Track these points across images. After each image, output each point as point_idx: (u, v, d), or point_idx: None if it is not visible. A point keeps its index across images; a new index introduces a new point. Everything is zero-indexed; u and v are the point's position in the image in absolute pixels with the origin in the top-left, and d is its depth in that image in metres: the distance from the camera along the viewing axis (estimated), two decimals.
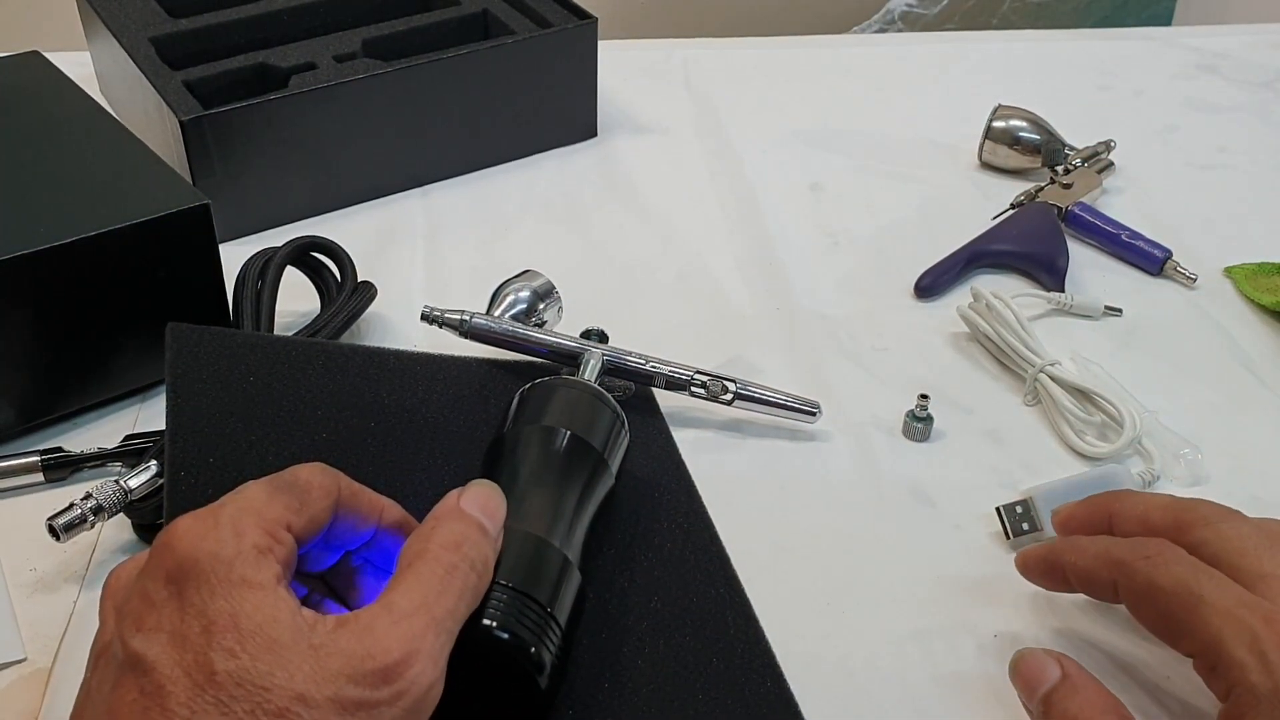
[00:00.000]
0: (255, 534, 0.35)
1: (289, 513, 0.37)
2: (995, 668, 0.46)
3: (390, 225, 0.74)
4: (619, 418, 0.50)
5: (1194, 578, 0.40)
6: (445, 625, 0.35)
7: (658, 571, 0.48)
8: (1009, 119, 0.79)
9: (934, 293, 0.68)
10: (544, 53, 0.78)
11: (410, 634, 0.34)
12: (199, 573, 0.34)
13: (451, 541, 0.38)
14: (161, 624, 0.33)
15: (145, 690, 0.32)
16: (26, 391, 0.55)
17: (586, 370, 0.55)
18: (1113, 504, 0.46)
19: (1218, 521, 0.43)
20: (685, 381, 0.57)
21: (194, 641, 0.33)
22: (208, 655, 0.32)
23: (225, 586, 0.34)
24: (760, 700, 0.43)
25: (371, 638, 0.34)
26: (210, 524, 0.35)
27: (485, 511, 0.40)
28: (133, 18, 0.80)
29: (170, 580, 0.34)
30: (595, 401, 0.50)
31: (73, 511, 0.48)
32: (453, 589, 0.36)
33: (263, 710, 0.32)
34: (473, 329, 0.57)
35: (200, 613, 0.33)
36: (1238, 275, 0.69)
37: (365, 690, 0.33)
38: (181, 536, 0.35)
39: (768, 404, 0.57)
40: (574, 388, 0.50)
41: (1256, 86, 0.92)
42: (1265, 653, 0.37)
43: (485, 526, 0.39)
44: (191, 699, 0.32)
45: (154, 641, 0.33)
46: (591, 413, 0.49)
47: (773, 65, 0.94)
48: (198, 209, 0.56)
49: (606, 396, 0.51)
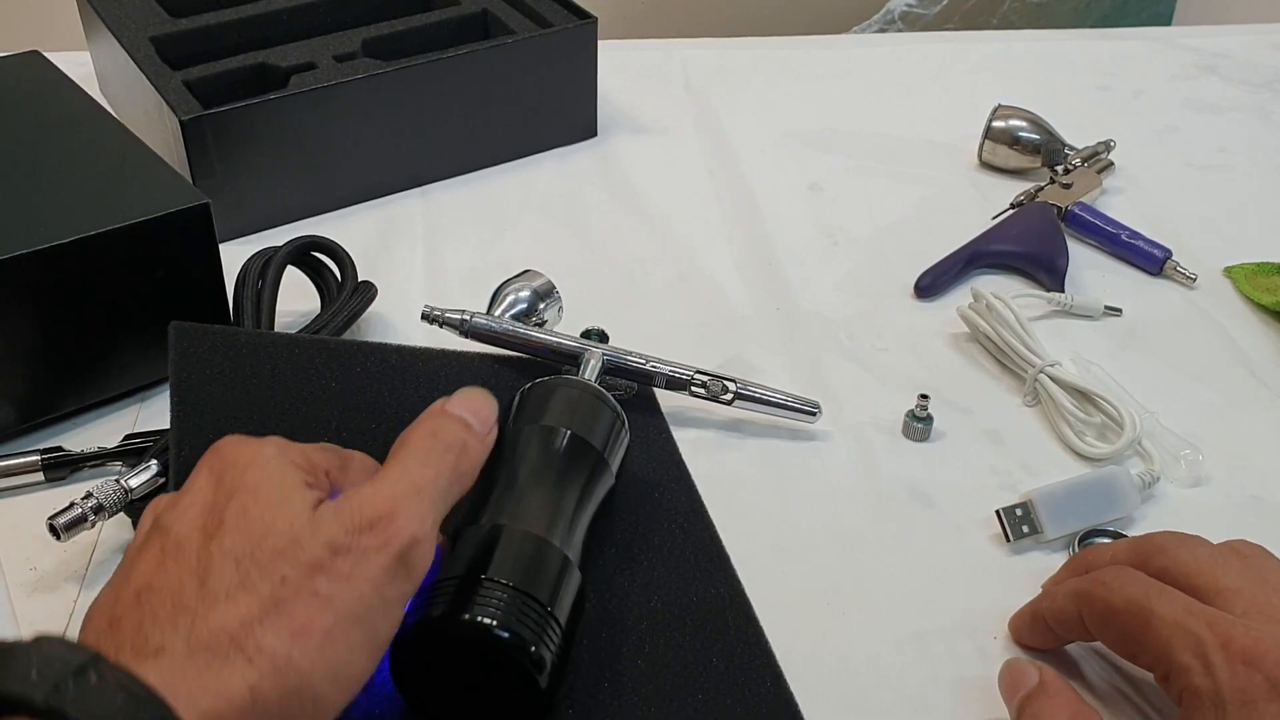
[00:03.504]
0: (297, 456, 0.40)
1: (329, 464, 0.41)
2: (994, 669, 0.45)
3: (390, 225, 0.74)
4: (619, 417, 0.50)
5: (1144, 594, 0.42)
6: (426, 492, 0.39)
7: (658, 571, 0.48)
8: (1009, 119, 0.79)
9: (934, 293, 0.68)
10: (544, 53, 0.78)
11: (391, 495, 0.38)
12: (239, 463, 0.39)
13: (428, 431, 0.41)
14: (195, 501, 0.38)
15: (165, 547, 0.37)
16: (27, 390, 0.55)
17: (586, 370, 0.55)
18: (1087, 558, 0.48)
19: (1174, 547, 0.44)
20: (685, 381, 0.57)
21: (217, 506, 0.37)
22: (222, 514, 0.37)
23: (259, 466, 0.38)
24: (760, 700, 0.43)
25: (359, 499, 0.38)
26: (256, 441, 0.40)
27: (469, 409, 0.42)
28: (133, 17, 0.80)
29: (211, 472, 0.39)
30: (595, 401, 0.50)
31: (73, 511, 0.48)
32: (430, 464, 0.40)
33: (260, 550, 0.36)
34: (473, 329, 0.57)
35: (230, 486, 0.38)
36: (1237, 275, 0.69)
37: (352, 537, 0.36)
38: (229, 444, 0.40)
39: (768, 404, 0.57)
40: (574, 387, 0.50)
41: (1256, 87, 0.92)
42: (1208, 655, 0.39)
43: (467, 421, 0.42)
44: (199, 548, 0.36)
45: (185, 514, 0.37)
46: (591, 412, 0.49)
47: (772, 65, 0.94)
48: (198, 208, 0.56)
49: (606, 396, 0.50)
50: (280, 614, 0.34)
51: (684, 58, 0.95)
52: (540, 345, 0.57)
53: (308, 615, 0.35)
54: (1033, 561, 0.51)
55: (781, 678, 0.44)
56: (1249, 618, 0.40)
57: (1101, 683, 0.46)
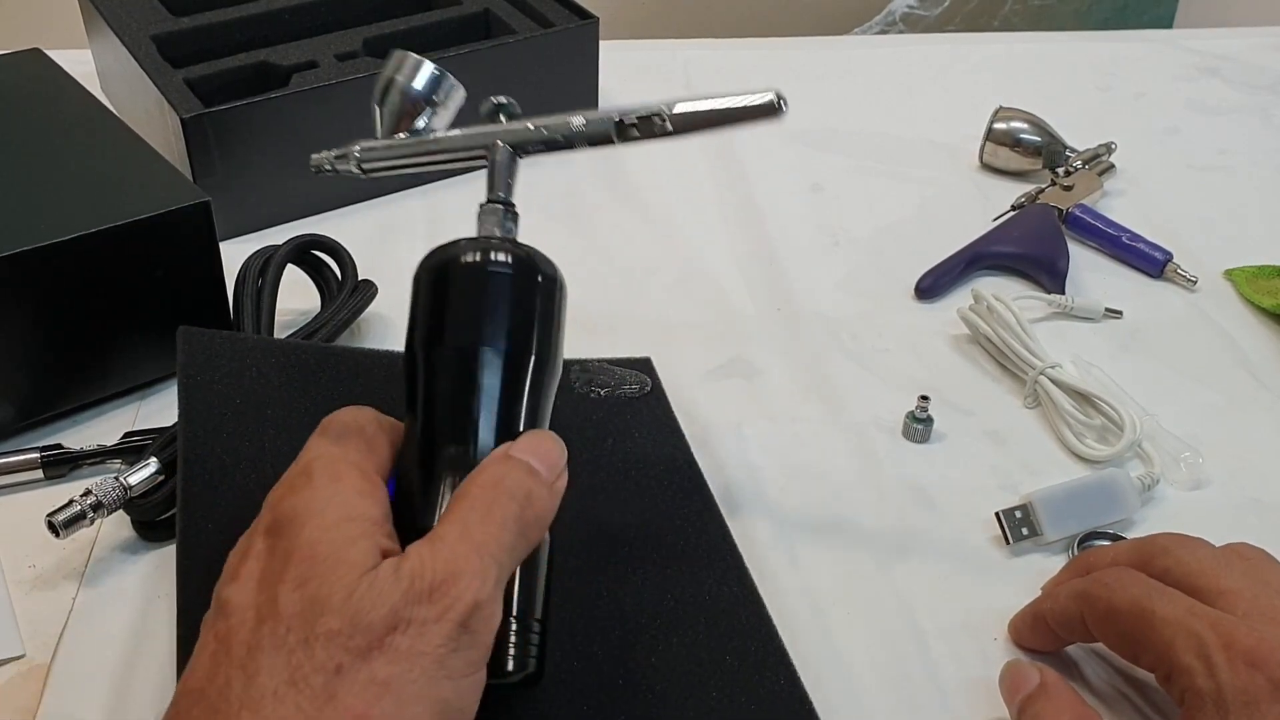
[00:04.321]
0: (352, 479, 0.37)
1: (367, 457, 0.39)
2: (995, 670, 0.45)
3: (391, 224, 0.74)
4: (540, 280, 0.42)
5: (1146, 595, 0.41)
6: (489, 549, 0.36)
7: (670, 570, 0.48)
8: (1010, 121, 0.79)
9: (935, 294, 0.68)
10: (545, 53, 0.78)
11: (451, 556, 0.35)
12: (293, 519, 0.36)
13: (490, 480, 0.38)
14: (253, 571, 0.35)
15: (219, 634, 0.34)
16: (26, 388, 0.55)
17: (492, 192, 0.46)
18: (1088, 559, 0.48)
19: (1176, 549, 0.44)
20: (608, 132, 0.47)
21: (271, 579, 0.34)
22: (277, 588, 0.34)
23: (318, 527, 0.35)
24: (774, 697, 0.43)
25: (418, 561, 0.35)
26: (304, 480, 0.37)
27: (534, 454, 0.39)
28: (134, 15, 0.80)
29: (268, 533, 0.36)
30: (504, 279, 0.41)
31: (72, 508, 0.48)
32: (493, 518, 0.37)
33: (314, 635, 0.33)
34: (368, 161, 0.49)
35: (285, 553, 0.35)
36: (1238, 278, 0.69)
37: (411, 607, 0.34)
38: (280, 497, 0.37)
39: (714, 119, 0.47)
40: (475, 269, 0.41)
41: (1257, 89, 0.92)
42: (1210, 656, 0.39)
43: (532, 467, 0.39)
44: (250, 636, 0.33)
45: (242, 587, 0.35)
46: (508, 299, 0.41)
47: (774, 66, 0.94)
48: (198, 206, 0.56)
49: (512, 260, 0.42)
50: (335, 707, 0.32)
51: (685, 58, 0.95)
52: (445, 150, 0.48)
53: (364, 704, 0.32)
54: (1033, 563, 0.51)
55: (795, 674, 0.44)
56: (1251, 619, 0.40)
57: (1102, 684, 0.46)
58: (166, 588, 0.49)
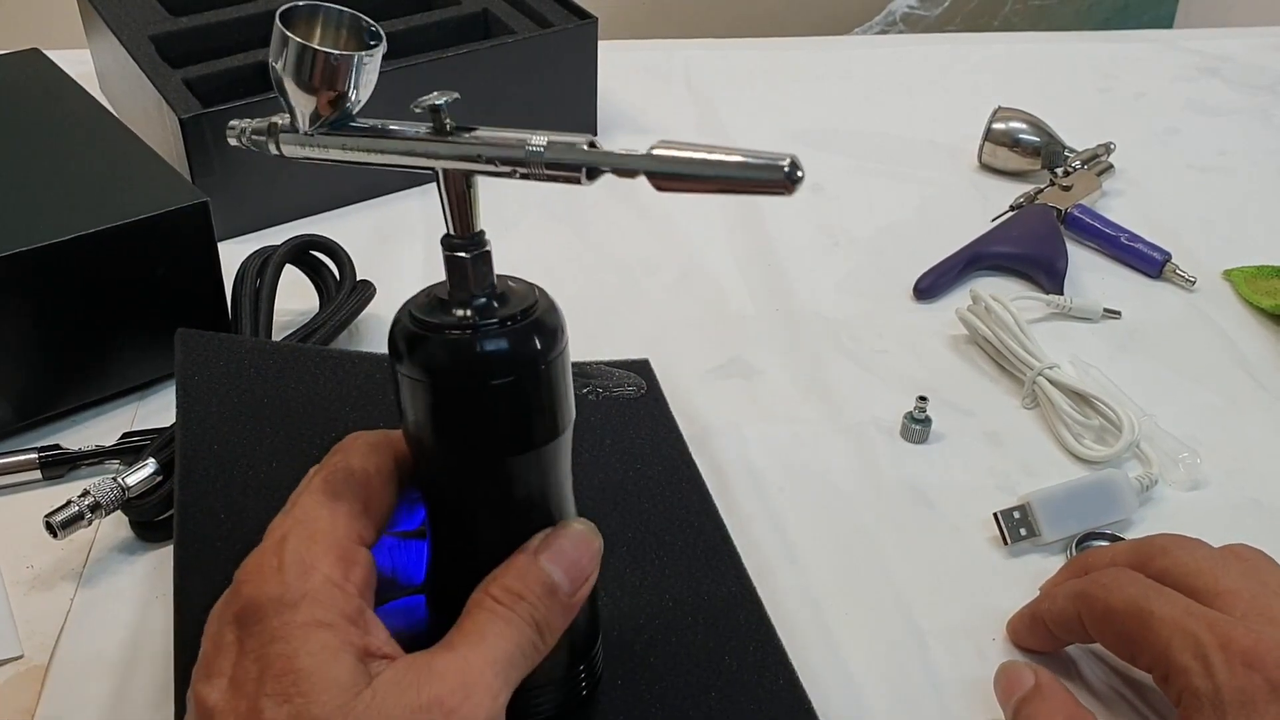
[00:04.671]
0: (326, 565, 0.34)
1: (357, 522, 0.35)
2: (993, 671, 0.45)
3: (389, 224, 0.74)
4: (545, 362, 0.35)
5: (1144, 595, 0.41)
6: (500, 665, 0.34)
7: (669, 570, 0.48)
8: (1009, 121, 0.79)
9: (933, 294, 0.68)
10: (544, 53, 0.78)
11: (463, 668, 0.33)
12: (262, 616, 0.33)
13: (512, 594, 0.35)
14: (224, 669, 0.33)
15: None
16: (24, 388, 0.55)
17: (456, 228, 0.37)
18: (1086, 560, 0.48)
19: (1174, 549, 0.44)
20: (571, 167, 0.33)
21: (249, 688, 0.32)
22: (258, 702, 0.31)
23: (287, 629, 0.32)
24: (774, 698, 0.43)
25: (427, 673, 0.33)
26: (274, 564, 0.34)
27: (565, 567, 0.36)
28: (133, 15, 0.80)
29: (236, 623, 0.33)
30: (507, 388, 0.35)
31: (70, 509, 0.48)
32: (508, 637, 0.34)
33: None
34: (290, 146, 0.40)
35: (258, 657, 0.32)
36: (1237, 278, 0.69)
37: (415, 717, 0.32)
38: (248, 579, 0.34)
39: (705, 174, 0.31)
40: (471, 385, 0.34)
41: (1257, 90, 0.92)
42: (1208, 656, 0.39)
43: (557, 585, 0.36)
44: None
45: (216, 687, 0.33)
46: (521, 400, 0.35)
47: (774, 66, 0.94)
48: (197, 207, 0.56)
49: (515, 360, 0.35)
50: None
51: (685, 58, 0.95)
52: (379, 155, 0.39)
53: None
54: (1031, 564, 0.51)
55: (795, 676, 0.44)
56: (1249, 620, 0.40)
57: (1100, 685, 0.46)
58: (164, 588, 0.48)
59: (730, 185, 0.31)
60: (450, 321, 0.35)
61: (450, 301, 0.36)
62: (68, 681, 0.45)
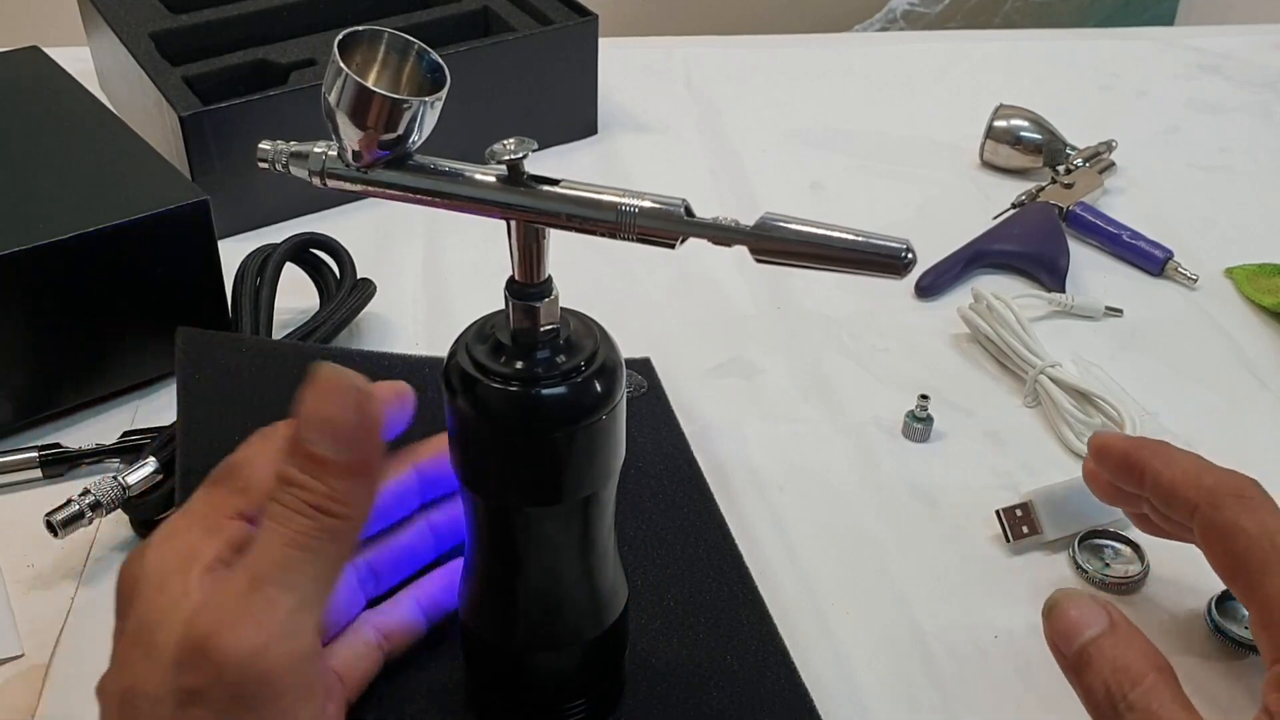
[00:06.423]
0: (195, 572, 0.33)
1: (230, 498, 0.36)
2: (995, 669, 0.46)
3: (389, 222, 0.74)
4: (621, 393, 0.37)
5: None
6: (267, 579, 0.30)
7: (671, 570, 0.48)
8: (1010, 118, 0.79)
9: (935, 293, 0.68)
10: (544, 50, 0.78)
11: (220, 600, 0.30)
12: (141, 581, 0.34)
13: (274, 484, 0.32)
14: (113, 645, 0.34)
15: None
16: (25, 387, 0.55)
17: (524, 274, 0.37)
18: (1152, 460, 0.42)
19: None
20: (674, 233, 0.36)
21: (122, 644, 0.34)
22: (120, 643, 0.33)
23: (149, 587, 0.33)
24: (775, 697, 0.43)
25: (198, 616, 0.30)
26: (159, 536, 0.35)
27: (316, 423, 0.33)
28: (133, 13, 0.79)
29: (122, 595, 0.35)
30: (598, 427, 0.35)
31: (70, 508, 0.48)
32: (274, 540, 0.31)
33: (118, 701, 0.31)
34: (334, 177, 0.38)
35: (130, 617, 0.34)
36: (1239, 276, 0.69)
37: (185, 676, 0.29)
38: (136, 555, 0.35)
39: (816, 256, 0.34)
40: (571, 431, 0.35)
41: (1259, 87, 0.92)
42: None
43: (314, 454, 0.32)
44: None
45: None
46: (610, 436, 0.36)
47: (774, 64, 0.94)
48: (197, 205, 0.56)
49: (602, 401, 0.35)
50: None
51: (685, 56, 0.95)
52: (441, 196, 0.37)
53: None
54: (1032, 562, 0.51)
55: (796, 675, 0.44)
56: None
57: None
58: None
59: (838, 264, 0.33)
60: (510, 373, 0.35)
61: (515, 348, 0.36)
62: (69, 681, 0.45)
